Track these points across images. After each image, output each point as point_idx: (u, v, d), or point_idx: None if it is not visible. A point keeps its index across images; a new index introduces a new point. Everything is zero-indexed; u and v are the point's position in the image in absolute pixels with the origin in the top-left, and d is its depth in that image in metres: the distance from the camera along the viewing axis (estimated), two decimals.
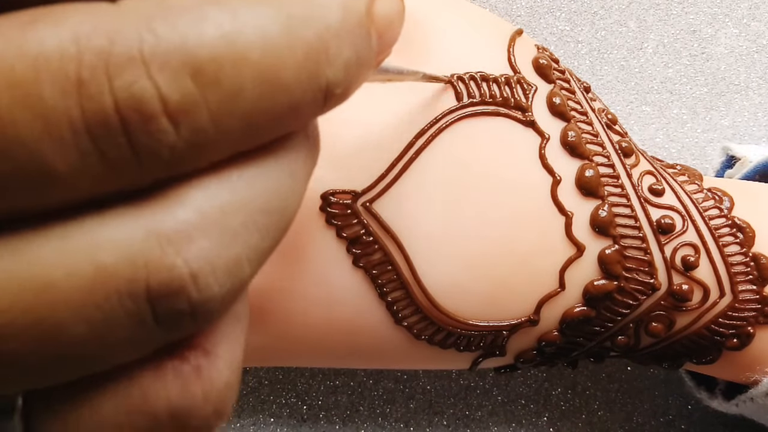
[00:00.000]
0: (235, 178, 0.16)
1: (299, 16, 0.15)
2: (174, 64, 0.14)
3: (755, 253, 0.28)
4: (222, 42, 0.15)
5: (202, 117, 0.15)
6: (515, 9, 0.36)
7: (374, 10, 0.17)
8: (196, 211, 0.15)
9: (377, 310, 0.26)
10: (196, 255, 0.15)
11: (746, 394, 0.29)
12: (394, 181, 0.26)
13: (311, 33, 0.16)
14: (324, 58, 0.16)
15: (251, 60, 0.15)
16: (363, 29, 0.17)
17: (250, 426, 0.34)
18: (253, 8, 0.15)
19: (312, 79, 0.16)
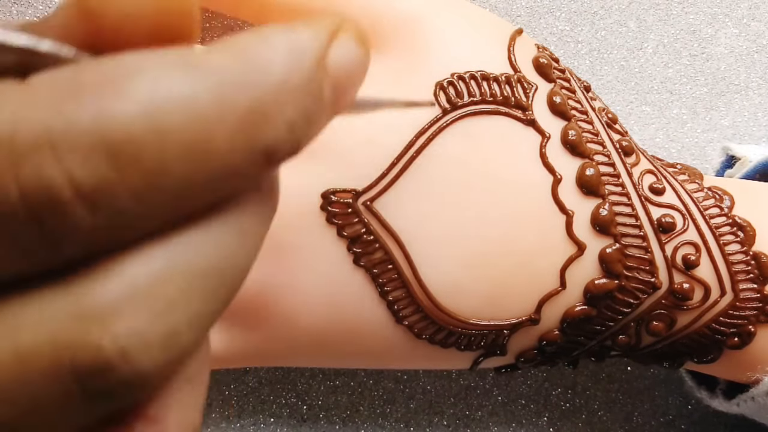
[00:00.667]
0: (173, 245, 0.15)
1: (231, 82, 0.15)
2: (86, 146, 0.13)
3: (756, 252, 0.28)
4: (141, 119, 0.14)
5: (122, 198, 0.14)
6: (515, 9, 0.36)
7: (328, 60, 0.16)
8: (125, 284, 0.14)
9: (378, 310, 0.26)
10: (124, 331, 0.14)
11: (747, 393, 0.29)
12: (395, 179, 0.26)
13: (245, 99, 0.15)
14: (262, 122, 0.15)
15: (175, 134, 0.14)
16: (312, 84, 0.16)
17: (250, 426, 0.34)
18: (176, 78, 0.14)
19: (248, 145, 0.15)
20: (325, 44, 0.16)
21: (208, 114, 0.14)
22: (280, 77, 0.15)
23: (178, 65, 0.14)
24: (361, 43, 0.17)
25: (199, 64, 0.14)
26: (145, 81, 0.14)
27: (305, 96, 0.16)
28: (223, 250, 0.16)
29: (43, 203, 0.13)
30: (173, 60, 0.14)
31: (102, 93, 0.14)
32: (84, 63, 0.14)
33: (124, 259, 0.15)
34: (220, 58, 0.15)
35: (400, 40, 0.27)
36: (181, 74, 0.14)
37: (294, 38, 0.15)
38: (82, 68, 0.14)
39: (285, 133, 0.15)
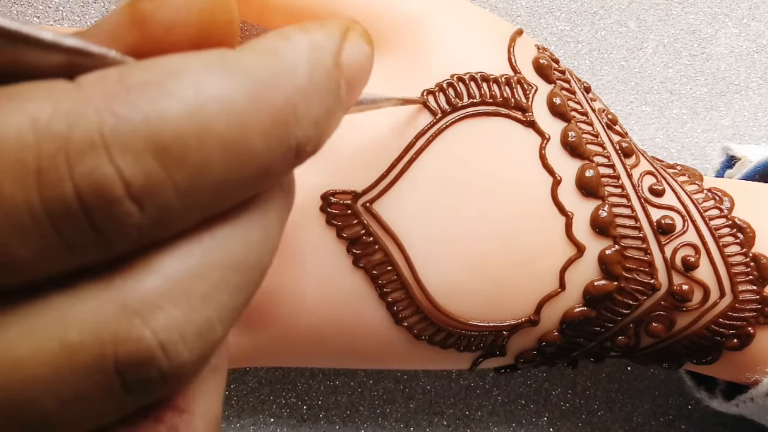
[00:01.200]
0: (206, 240, 0.16)
1: (265, 82, 0.15)
2: (137, 145, 0.14)
3: (755, 254, 0.28)
4: (186, 118, 0.14)
5: (168, 195, 0.14)
6: (515, 9, 0.36)
7: (342, 59, 0.17)
8: (164, 279, 0.15)
9: (377, 311, 0.27)
10: (164, 324, 0.15)
11: (746, 394, 0.29)
12: (395, 181, 0.26)
13: (278, 97, 0.15)
14: (293, 120, 0.16)
15: (217, 133, 0.15)
16: (331, 82, 0.17)
17: (250, 426, 0.34)
18: (217, 79, 0.15)
19: (281, 142, 0.16)
20: (339, 43, 0.17)
21: (246, 113, 0.15)
22: (307, 76, 0.16)
23: (217, 67, 0.15)
24: (368, 42, 0.18)
25: (236, 65, 0.15)
26: (188, 82, 0.15)
27: (327, 93, 0.17)
28: (251, 246, 0.17)
29: (97, 200, 0.14)
30: (213, 62, 0.15)
31: (150, 93, 0.14)
32: (130, 65, 0.15)
33: (162, 255, 0.15)
34: (253, 59, 0.16)
35: (400, 40, 0.27)
36: (220, 75, 0.15)
37: (312, 38, 0.16)
38: (130, 69, 0.15)
39: (312, 129, 0.16)
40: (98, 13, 0.33)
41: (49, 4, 0.33)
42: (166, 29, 0.16)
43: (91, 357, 0.15)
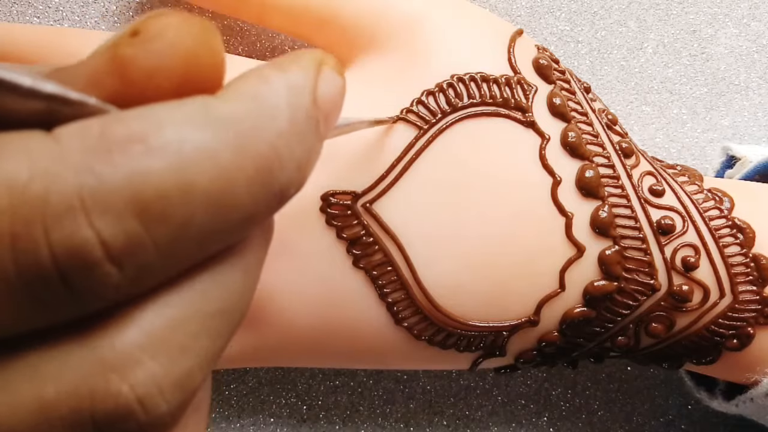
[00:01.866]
0: (185, 290, 0.15)
1: (248, 131, 0.15)
2: (117, 205, 0.14)
3: (755, 254, 0.28)
4: (168, 175, 0.14)
5: (149, 253, 0.14)
6: (515, 9, 0.36)
7: (318, 96, 0.17)
8: (142, 333, 0.15)
9: (377, 311, 0.27)
10: (142, 379, 0.15)
11: (746, 394, 0.29)
12: (395, 181, 0.26)
13: (262, 145, 0.15)
14: (277, 165, 0.15)
15: (200, 187, 0.14)
16: (311, 121, 0.16)
17: (250, 426, 0.34)
18: (200, 132, 0.15)
19: (266, 189, 0.15)
20: (315, 80, 0.17)
21: (230, 165, 0.15)
22: (288, 119, 0.16)
23: (200, 119, 0.15)
24: (340, 73, 0.18)
25: (219, 116, 0.15)
26: (171, 136, 0.14)
27: (308, 132, 0.16)
28: (231, 291, 0.16)
29: (74, 265, 0.13)
30: (195, 113, 0.15)
31: (131, 150, 0.14)
32: (110, 116, 0.14)
33: (140, 308, 0.15)
34: (235, 108, 0.15)
35: (400, 40, 0.27)
36: (203, 129, 0.15)
37: (290, 79, 0.16)
38: (110, 123, 0.14)
39: (295, 171, 0.16)
40: (98, 13, 0.33)
41: (49, 4, 0.33)
42: (149, 76, 0.15)
43: (68, 413, 0.14)
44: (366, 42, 0.28)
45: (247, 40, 0.33)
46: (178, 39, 0.15)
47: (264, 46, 0.33)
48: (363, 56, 0.28)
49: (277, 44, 0.33)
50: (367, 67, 0.28)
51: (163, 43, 0.15)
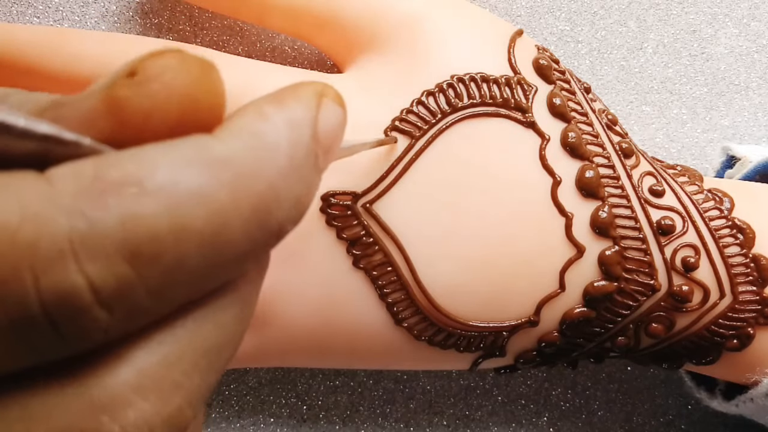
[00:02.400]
0: (178, 329, 0.15)
1: (246, 172, 0.15)
2: (108, 250, 0.13)
3: (755, 254, 0.28)
4: (162, 219, 0.14)
5: (140, 296, 0.14)
6: (515, 9, 0.36)
7: (319, 130, 0.16)
8: (133, 373, 0.15)
9: (377, 311, 0.27)
10: (133, 420, 0.14)
11: (746, 394, 0.29)
12: (395, 182, 0.26)
13: (260, 185, 0.15)
14: (275, 205, 0.15)
15: (195, 230, 0.14)
16: (311, 157, 0.16)
17: (250, 426, 0.34)
18: (197, 175, 0.14)
19: (263, 229, 0.15)
20: (315, 114, 0.16)
21: (226, 207, 0.14)
22: (287, 157, 0.16)
23: (197, 161, 0.14)
24: (341, 103, 0.18)
25: (216, 157, 0.15)
26: (166, 179, 0.14)
27: (307, 168, 0.16)
28: (225, 327, 0.16)
29: (63, 311, 0.13)
30: (192, 155, 0.14)
31: (125, 193, 0.14)
32: (104, 158, 0.14)
33: (132, 347, 0.15)
34: (233, 147, 0.15)
35: (400, 41, 0.27)
36: (199, 171, 0.14)
37: (290, 114, 0.16)
38: (103, 164, 0.14)
39: (294, 209, 0.16)
40: (98, 13, 0.33)
41: (49, 4, 0.33)
42: (145, 118, 0.15)
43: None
44: (366, 42, 0.28)
45: (247, 40, 0.33)
46: (176, 81, 0.15)
47: (264, 46, 0.33)
48: (363, 56, 0.28)
49: (277, 44, 0.33)
50: (366, 68, 0.28)
51: (161, 85, 0.15)
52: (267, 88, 0.26)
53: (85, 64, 0.27)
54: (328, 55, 0.30)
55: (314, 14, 0.28)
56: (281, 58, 0.33)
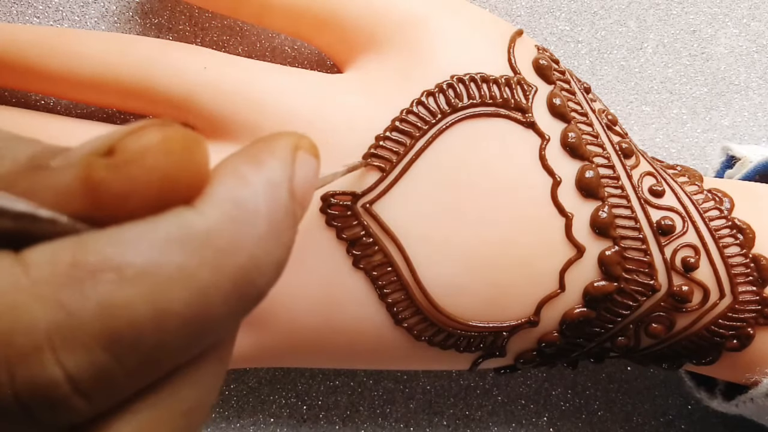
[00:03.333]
0: (157, 398, 0.15)
1: (226, 246, 0.14)
2: (87, 340, 0.13)
3: (755, 255, 0.28)
4: (142, 304, 0.13)
5: (118, 380, 0.14)
6: (515, 9, 0.36)
7: (295, 186, 0.16)
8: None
9: (377, 312, 0.27)
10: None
11: (746, 394, 0.29)
12: (395, 182, 0.26)
13: (241, 257, 0.15)
14: (256, 274, 0.15)
15: (175, 312, 0.14)
16: (289, 216, 0.16)
17: (250, 426, 0.34)
18: (177, 254, 0.14)
19: (244, 300, 0.15)
20: (291, 170, 0.16)
21: (207, 285, 0.14)
22: (267, 223, 0.15)
23: (177, 239, 0.14)
24: (315, 154, 0.17)
25: (196, 233, 0.14)
26: (145, 261, 0.14)
27: (286, 229, 0.16)
28: (204, 387, 0.16)
29: (39, 402, 0.13)
30: (171, 232, 0.14)
31: (103, 279, 0.13)
32: (82, 240, 0.14)
33: (109, 421, 0.14)
34: (212, 220, 0.15)
35: (400, 41, 0.27)
36: (180, 250, 0.14)
37: (268, 175, 0.16)
38: (80, 248, 0.14)
39: (274, 272, 0.16)
40: (98, 13, 0.33)
41: (49, 4, 0.33)
42: (123, 200, 0.14)
43: None
44: (366, 42, 0.28)
45: (247, 40, 0.33)
46: (157, 163, 0.14)
47: (264, 46, 0.33)
48: (363, 56, 0.28)
49: (277, 44, 0.33)
50: (366, 68, 0.28)
51: (141, 168, 0.14)
52: (267, 88, 0.27)
53: (85, 63, 0.27)
54: (328, 55, 0.30)
55: (314, 14, 0.28)
56: (281, 58, 0.33)
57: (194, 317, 0.14)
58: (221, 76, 0.27)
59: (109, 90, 0.27)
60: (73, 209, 0.14)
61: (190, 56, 0.27)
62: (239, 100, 0.26)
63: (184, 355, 0.15)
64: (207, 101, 0.26)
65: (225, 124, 0.26)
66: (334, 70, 0.33)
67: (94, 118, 0.31)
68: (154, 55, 0.27)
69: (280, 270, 0.16)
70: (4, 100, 0.31)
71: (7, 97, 0.31)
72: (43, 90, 0.29)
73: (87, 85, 0.27)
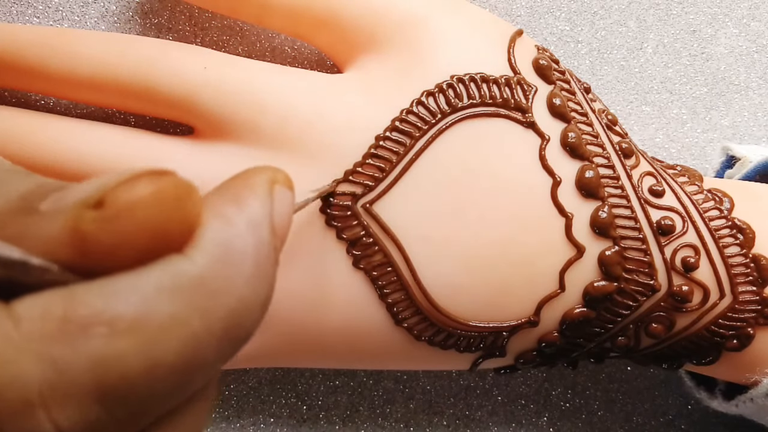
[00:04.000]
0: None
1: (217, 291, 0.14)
2: (78, 395, 0.13)
3: (755, 254, 0.28)
4: (134, 357, 0.13)
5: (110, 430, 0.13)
6: (515, 9, 0.36)
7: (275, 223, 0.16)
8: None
9: (377, 312, 0.27)
10: None
11: (746, 394, 0.29)
12: (395, 182, 0.26)
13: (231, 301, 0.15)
14: (245, 316, 0.15)
15: (167, 363, 0.14)
16: (272, 253, 0.16)
17: (249, 426, 0.34)
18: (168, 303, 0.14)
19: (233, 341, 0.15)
20: (270, 206, 0.16)
21: (198, 332, 0.14)
22: (253, 264, 0.15)
23: (167, 287, 0.14)
24: (290, 187, 0.18)
25: (186, 280, 0.14)
26: (138, 314, 0.13)
27: (270, 267, 0.16)
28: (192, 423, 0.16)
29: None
30: (161, 282, 0.14)
31: (94, 334, 0.13)
32: (72, 293, 0.14)
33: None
34: (202, 266, 0.14)
35: (400, 41, 0.27)
36: (170, 298, 0.14)
37: (249, 213, 0.16)
38: (71, 301, 0.13)
39: (260, 312, 0.16)
40: (98, 13, 0.33)
41: (49, 4, 0.33)
42: (111, 251, 0.14)
43: None
44: (366, 42, 0.28)
45: (247, 40, 0.33)
46: (147, 216, 0.14)
47: (264, 46, 0.33)
48: (363, 56, 0.28)
49: (276, 44, 0.33)
50: (366, 68, 0.28)
51: (131, 221, 0.14)
52: (267, 88, 0.27)
53: (85, 64, 0.27)
54: (328, 55, 0.30)
55: (314, 14, 0.28)
56: (281, 58, 0.33)
57: (186, 364, 0.14)
58: (221, 76, 0.27)
59: (108, 90, 0.27)
60: (62, 258, 0.14)
61: (190, 56, 0.27)
62: (239, 100, 0.26)
63: (174, 400, 0.15)
64: (207, 101, 0.26)
65: (225, 124, 0.26)
66: (334, 70, 0.33)
67: (94, 118, 0.31)
68: (154, 55, 0.27)
69: (265, 309, 0.16)
70: (4, 100, 0.31)
71: (7, 97, 0.31)
72: (43, 90, 0.29)
73: (87, 85, 0.27)
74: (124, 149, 0.27)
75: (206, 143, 0.27)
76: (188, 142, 0.27)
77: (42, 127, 0.27)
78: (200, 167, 0.26)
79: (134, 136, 0.27)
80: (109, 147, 0.27)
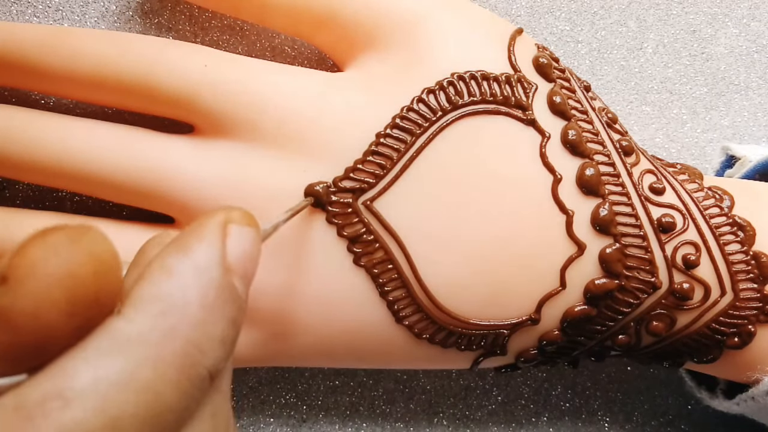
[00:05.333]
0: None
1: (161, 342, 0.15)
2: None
3: (756, 252, 0.28)
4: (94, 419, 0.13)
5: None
6: (515, 9, 0.36)
7: (230, 261, 0.16)
8: None
9: (378, 310, 0.26)
10: None
11: (747, 393, 0.29)
12: (395, 179, 0.26)
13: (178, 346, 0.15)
14: (199, 356, 0.15)
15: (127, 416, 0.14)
16: (225, 291, 0.16)
17: (249, 426, 0.34)
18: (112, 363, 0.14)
19: (193, 382, 0.15)
20: (221, 248, 0.16)
21: (152, 380, 0.14)
22: (200, 306, 0.15)
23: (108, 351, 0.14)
24: (251, 223, 0.18)
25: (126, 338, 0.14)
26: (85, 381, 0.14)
27: (225, 305, 0.16)
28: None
29: None
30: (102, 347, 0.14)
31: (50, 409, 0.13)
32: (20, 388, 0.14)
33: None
34: (140, 323, 0.15)
35: (400, 39, 0.27)
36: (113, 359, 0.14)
37: (195, 261, 0.16)
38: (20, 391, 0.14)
39: (220, 349, 0.16)
40: (98, 13, 0.33)
41: (49, 4, 0.33)
42: (33, 317, 0.14)
43: None
44: (366, 41, 0.28)
45: (247, 39, 0.33)
46: (50, 271, 0.14)
47: (264, 46, 0.33)
48: (363, 55, 0.28)
49: (276, 44, 0.33)
50: (367, 66, 0.28)
51: (36, 283, 0.14)
52: (267, 87, 0.27)
53: (85, 62, 0.27)
54: (329, 54, 0.30)
55: (314, 14, 0.28)
56: (281, 58, 0.33)
57: (149, 411, 0.14)
58: (222, 74, 0.27)
59: (109, 88, 0.27)
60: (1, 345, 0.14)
61: (191, 55, 0.27)
62: (240, 98, 0.26)
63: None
64: (207, 99, 0.26)
65: (225, 122, 0.26)
66: (334, 69, 0.33)
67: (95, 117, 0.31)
68: (154, 54, 0.27)
69: (228, 342, 0.16)
70: (4, 99, 0.31)
71: (7, 97, 0.31)
72: (43, 89, 0.29)
73: (87, 84, 0.27)
74: (124, 147, 0.27)
75: (206, 141, 0.27)
76: (188, 140, 0.27)
77: (42, 126, 0.27)
78: (200, 165, 0.26)
79: (134, 134, 0.27)
80: (109, 145, 0.27)
